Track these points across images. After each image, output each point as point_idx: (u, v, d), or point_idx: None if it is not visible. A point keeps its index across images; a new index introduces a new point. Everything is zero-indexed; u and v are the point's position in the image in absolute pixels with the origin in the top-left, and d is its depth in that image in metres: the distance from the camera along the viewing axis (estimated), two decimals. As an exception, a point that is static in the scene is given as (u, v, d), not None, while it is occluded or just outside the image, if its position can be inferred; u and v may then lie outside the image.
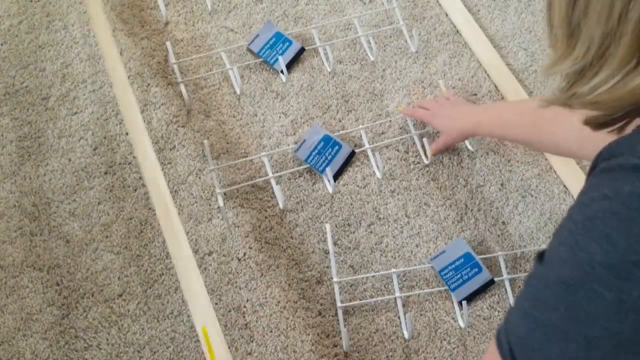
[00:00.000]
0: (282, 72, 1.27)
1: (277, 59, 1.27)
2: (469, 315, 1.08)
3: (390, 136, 1.23)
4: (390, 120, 1.24)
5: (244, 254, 1.13)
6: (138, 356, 1.06)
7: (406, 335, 1.06)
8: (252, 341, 1.07)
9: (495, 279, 1.09)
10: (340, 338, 1.06)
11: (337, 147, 1.19)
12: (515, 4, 1.36)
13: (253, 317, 1.08)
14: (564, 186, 1.18)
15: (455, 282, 1.08)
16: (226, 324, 1.08)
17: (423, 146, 1.19)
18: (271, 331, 1.07)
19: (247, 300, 1.10)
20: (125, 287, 1.11)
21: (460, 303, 1.07)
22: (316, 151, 1.18)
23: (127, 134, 1.23)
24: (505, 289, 1.09)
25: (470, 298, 1.08)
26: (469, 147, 1.21)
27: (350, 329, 1.07)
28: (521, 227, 1.15)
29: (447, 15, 1.35)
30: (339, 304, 1.07)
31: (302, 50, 1.29)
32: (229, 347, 1.02)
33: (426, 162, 1.19)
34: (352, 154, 1.19)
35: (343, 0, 1.37)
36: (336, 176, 1.18)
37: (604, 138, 0.57)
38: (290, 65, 1.29)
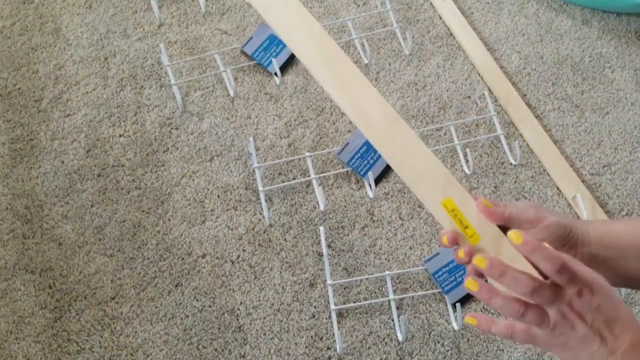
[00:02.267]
0: (276, 74, 1.27)
1: (270, 61, 1.27)
2: (463, 318, 1.08)
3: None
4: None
5: (238, 257, 1.13)
6: (131, 359, 1.05)
7: (400, 338, 1.06)
8: (246, 344, 1.06)
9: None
10: (334, 341, 1.06)
11: (379, 152, 1.18)
12: (509, 7, 1.37)
13: (247, 320, 1.08)
14: (557, 188, 1.18)
15: (449, 284, 1.08)
16: (219, 326, 1.07)
17: (466, 155, 1.18)
18: (265, 334, 1.07)
19: (241, 303, 1.09)
20: (118, 290, 1.10)
21: (454, 305, 1.07)
22: (359, 155, 1.18)
23: (120, 135, 1.23)
24: (499, 291, 1.09)
25: (464, 300, 1.08)
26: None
27: (344, 332, 1.07)
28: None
29: (440, 17, 1.35)
30: (332, 307, 1.07)
31: (296, 52, 1.29)
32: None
33: (468, 172, 1.18)
34: None
35: (337, 3, 1.37)
36: (377, 181, 1.18)
37: None
38: (284, 68, 1.29)
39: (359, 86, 0.68)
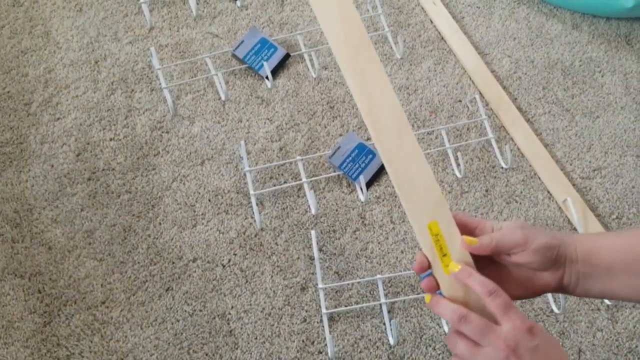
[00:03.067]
0: (267, 78, 1.27)
1: (262, 65, 1.27)
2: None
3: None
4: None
5: (229, 261, 1.12)
6: (121, 364, 1.05)
7: (391, 342, 1.06)
8: (237, 348, 1.06)
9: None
10: (326, 345, 1.06)
11: (370, 156, 1.18)
12: (500, 11, 1.37)
13: (238, 324, 1.08)
14: (548, 192, 1.18)
15: (441, 288, 1.08)
16: (210, 331, 1.07)
17: (457, 159, 1.18)
18: (256, 338, 1.07)
19: (232, 307, 1.09)
20: (109, 294, 1.10)
21: (445, 309, 1.07)
22: (350, 158, 1.18)
23: (110, 139, 1.23)
24: (490, 295, 1.09)
25: (456, 304, 1.08)
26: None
27: (335, 336, 1.07)
28: (506, 233, 1.15)
29: (431, 22, 1.35)
30: (324, 311, 1.07)
31: (287, 56, 1.29)
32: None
33: (459, 175, 1.19)
34: None
35: (328, 7, 1.37)
36: (368, 185, 1.18)
37: None
38: (275, 71, 1.28)
39: (380, 85, 0.65)
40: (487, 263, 0.66)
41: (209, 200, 1.17)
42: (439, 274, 0.64)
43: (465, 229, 0.66)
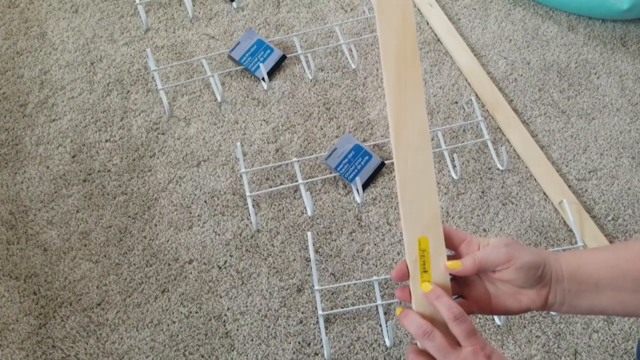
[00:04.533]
0: (263, 79, 1.27)
1: (258, 67, 1.27)
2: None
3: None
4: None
5: (225, 262, 1.12)
6: (117, 366, 1.04)
7: (387, 343, 1.06)
8: (233, 350, 1.06)
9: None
10: (322, 346, 1.06)
11: (367, 157, 1.18)
12: (495, 13, 1.37)
13: (234, 326, 1.07)
14: (544, 194, 1.19)
15: (437, 289, 1.08)
16: (206, 332, 1.07)
17: (453, 161, 1.18)
18: (252, 340, 1.06)
19: (228, 309, 1.09)
20: (104, 296, 1.09)
21: (441, 310, 1.07)
22: (346, 160, 1.18)
23: (106, 140, 1.22)
24: (487, 296, 1.09)
25: (452, 305, 1.08)
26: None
27: (331, 337, 1.07)
28: (502, 234, 1.15)
29: (428, 23, 1.36)
30: (320, 312, 1.07)
31: (283, 57, 1.29)
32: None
33: (455, 177, 1.19)
34: (382, 164, 1.19)
35: (324, 9, 1.37)
36: (364, 186, 1.18)
37: None
38: (271, 73, 1.28)
39: (415, 100, 0.68)
40: (473, 278, 0.67)
41: (205, 202, 1.17)
42: (414, 288, 0.65)
43: (452, 243, 0.67)
